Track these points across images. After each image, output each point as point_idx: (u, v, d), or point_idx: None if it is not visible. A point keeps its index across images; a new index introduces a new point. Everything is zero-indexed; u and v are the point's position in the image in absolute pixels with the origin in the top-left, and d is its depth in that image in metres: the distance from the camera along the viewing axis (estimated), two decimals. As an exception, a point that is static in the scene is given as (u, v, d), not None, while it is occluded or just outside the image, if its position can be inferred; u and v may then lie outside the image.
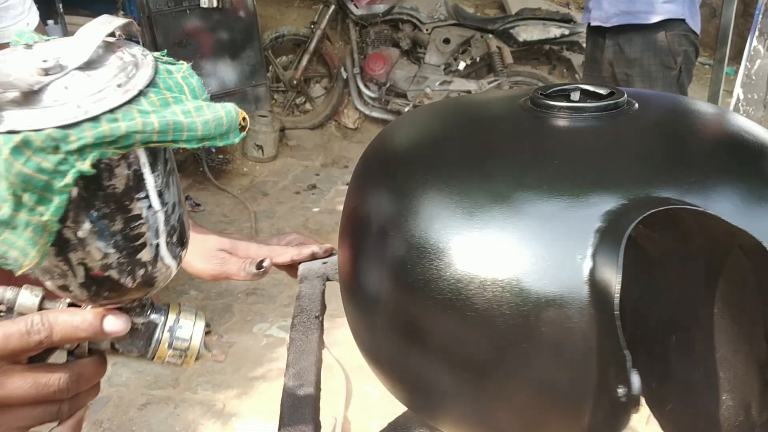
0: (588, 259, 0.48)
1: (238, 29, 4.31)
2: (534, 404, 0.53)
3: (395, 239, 0.57)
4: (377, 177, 0.67)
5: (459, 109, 0.78)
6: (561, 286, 0.49)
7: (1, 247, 0.37)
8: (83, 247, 0.40)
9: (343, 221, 0.71)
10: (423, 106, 0.89)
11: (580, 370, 0.49)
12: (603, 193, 0.53)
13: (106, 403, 2.36)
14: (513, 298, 0.50)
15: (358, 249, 0.65)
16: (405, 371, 0.63)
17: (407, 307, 0.57)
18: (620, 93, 0.65)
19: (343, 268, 0.70)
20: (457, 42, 4.80)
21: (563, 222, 0.51)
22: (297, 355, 0.75)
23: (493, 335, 0.51)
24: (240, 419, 2.30)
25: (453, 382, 0.57)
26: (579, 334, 0.48)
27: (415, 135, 0.73)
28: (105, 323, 0.46)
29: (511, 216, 0.53)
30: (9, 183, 0.34)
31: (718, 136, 0.65)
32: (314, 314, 0.82)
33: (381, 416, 2.28)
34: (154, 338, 0.50)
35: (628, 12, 2.61)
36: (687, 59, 2.64)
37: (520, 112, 0.67)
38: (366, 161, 0.72)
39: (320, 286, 0.88)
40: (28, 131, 0.34)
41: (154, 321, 0.50)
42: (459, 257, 0.53)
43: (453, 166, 0.60)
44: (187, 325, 0.51)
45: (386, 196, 0.63)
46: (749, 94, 1.86)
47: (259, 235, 3.60)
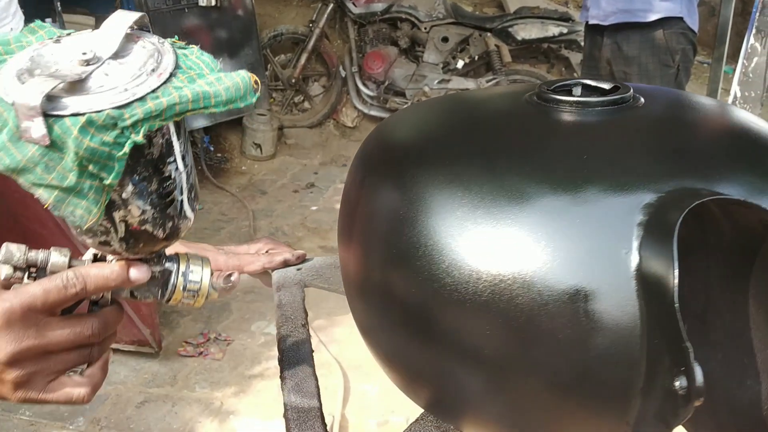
0: (634, 252, 0.48)
1: (237, 28, 4.31)
2: (569, 402, 0.52)
3: (408, 236, 0.56)
4: (382, 173, 0.66)
5: (462, 104, 0.77)
6: (599, 280, 0.48)
7: (68, 208, 0.44)
8: (125, 206, 0.47)
9: (345, 219, 0.70)
10: (423, 101, 0.88)
11: (620, 364, 0.49)
12: (635, 187, 0.52)
13: (104, 401, 2.36)
14: (543, 294, 0.49)
15: (366, 247, 0.64)
16: (426, 372, 0.61)
17: (430, 305, 0.56)
18: (626, 88, 0.65)
19: (349, 268, 0.68)
20: (456, 40, 4.79)
21: (596, 217, 0.51)
22: (292, 367, 0.73)
23: (522, 331, 0.51)
24: (238, 417, 2.30)
25: (481, 382, 0.56)
26: (619, 328, 0.48)
27: (419, 130, 0.72)
28: (131, 273, 0.54)
29: (536, 211, 0.52)
30: (77, 156, 0.42)
31: (728, 129, 0.65)
32: (300, 323, 0.81)
33: (378, 414, 2.29)
34: (170, 283, 0.57)
35: (626, 10, 2.61)
36: (685, 57, 2.64)
37: (526, 107, 0.67)
38: (366, 157, 0.71)
39: (299, 293, 0.87)
40: (90, 113, 0.42)
41: (169, 268, 0.57)
42: (481, 253, 0.52)
43: (464, 161, 0.59)
44: (197, 270, 0.58)
45: (394, 193, 0.61)
46: (746, 92, 1.86)
47: (257, 235, 3.60)
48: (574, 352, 0.50)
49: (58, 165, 0.43)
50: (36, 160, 0.42)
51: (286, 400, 0.69)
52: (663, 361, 0.45)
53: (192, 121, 4.15)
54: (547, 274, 0.50)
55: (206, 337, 2.69)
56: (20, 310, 0.50)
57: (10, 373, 0.51)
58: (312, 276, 0.91)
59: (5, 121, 0.43)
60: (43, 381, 0.53)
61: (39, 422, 2.26)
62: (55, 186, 0.43)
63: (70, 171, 0.43)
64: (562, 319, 0.49)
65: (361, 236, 0.65)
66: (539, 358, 0.51)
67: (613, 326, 0.48)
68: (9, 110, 0.42)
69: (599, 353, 0.49)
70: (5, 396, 0.53)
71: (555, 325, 0.49)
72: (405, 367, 0.65)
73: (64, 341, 0.52)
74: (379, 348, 0.67)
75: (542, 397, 0.53)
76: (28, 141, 0.42)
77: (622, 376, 0.49)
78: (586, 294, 0.49)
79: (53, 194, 0.44)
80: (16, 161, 0.42)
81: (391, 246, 0.59)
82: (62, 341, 0.52)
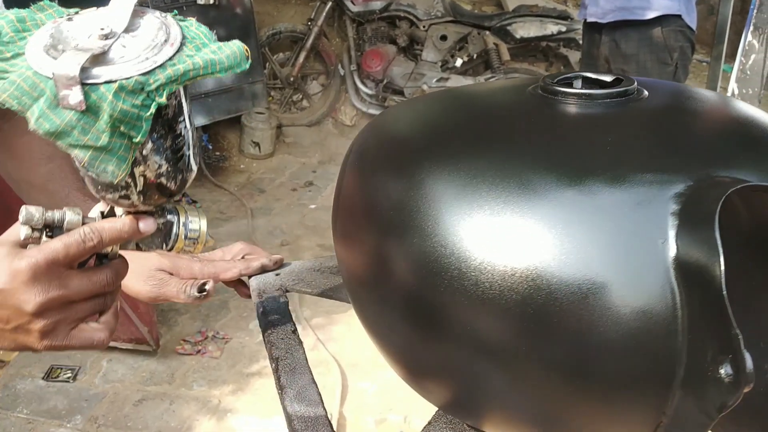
0: (671, 242, 0.48)
1: (235, 26, 4.30)
2: (598, 396, 0.52)
3: (417, 229, 0.56)
4: (386, 167, 0.65)
5: (464, 98, 0.77)
6: (634, 271, 0.48)
7: (101, 165, 0.50)
8: (145, 162, 0.53)
9: (343, 215, 0.68)
10: (423, 95, 0.88)
11: (657, 354, 0.48)
12: (661, 177, 0.52)
13: (101, 399, 2.36)
14: (574, 286, 0.49)
15: (373, 242, 0.63)
16: (444, 371, 0.60)
17: (447, 303, 0.54)
18: (629, 80, 0.65)
19: (352, 264, 0.67)
20: (454, 39, 4.79)
21: (626, 208, 0.50)
22: (289, 375, 0.72)
23: (548, 325, 0.50)
24: (235, 415, 2.30)
25: (505, 380, 0.55)
26: (656, 318, 0.47)
27: (423, 123, 0.71)
28: (140, 225, 0.59)
29: (560, 204, 0.52)
30: (111, 118, 0.48)
31: (735, 119, 0.66)
32: (289, 329, 0.79)
33: (376, 412, 2.29)
34: (172, 233, 0.63)
35: (623, 8, 2.61)
36: (683, 55, 2.64)
37: (531, 99, 0.66)
38: (366, 152, 0.70)
39: (283, 299, 0.85)
40: (120, 80, 0.48)
41: (170, 220, 0.63)
42: (497, 246, 0.52)
43: (472, 153, 0.59)
44: (195, 220, 0.64)
45: (400, 185, 0.60)
46: (744, 89, 1.86)
47: (256, 233, 3.60)
48: (606, 344, 0.49)
49: (92, 127, 0.49)
50: (73, 124, 0.48)
51: (290, 410, 0.67)
52: (706, 350, 0.45)
53: (190, 120, 4.15)
54: (579, 266, 0.49)
55: (204, 335, 2.69)
56: (45, 264, 0.55)
57: (38, 323, 0.56)
58: (293, 281, 0.89)
59: (42, 91, 0.48)
60: (66, 329, 0.58)
61: (36, 420, 2.26)
62: (89, 146, 0.49)
63: (103, 132, 0.49)
64: (594, 311, 0.48)
65: (367, 231, 0.64)
66: (567, 352, 0.51)
67: (649, 316, 0.48)
68: (46, 82, 0.48)
69: (634, 345, 0.48)
70: (32, 345, 0.58)
71: (586, 319, 0.49)
72: (417, 364, 0.63)
73: (85, 291, 0.58)
74: (389, 346, 0.66)
75: (570, 391, 0.52)
76: (65, 108, 0.48)
77: (658, 366, 0.48)
78: (620, 286, 0.48)
79: (88, 153, 0.50)
80: (56, 126, 0.48)
81: (399, 239, 0.58)
82: (83, 291, 0.58)
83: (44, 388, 2.40)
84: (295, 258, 3.32)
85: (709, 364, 0.44)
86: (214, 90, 4.24)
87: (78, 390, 2.40)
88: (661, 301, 0.47)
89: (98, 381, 2.45)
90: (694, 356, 0.47)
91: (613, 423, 0.54)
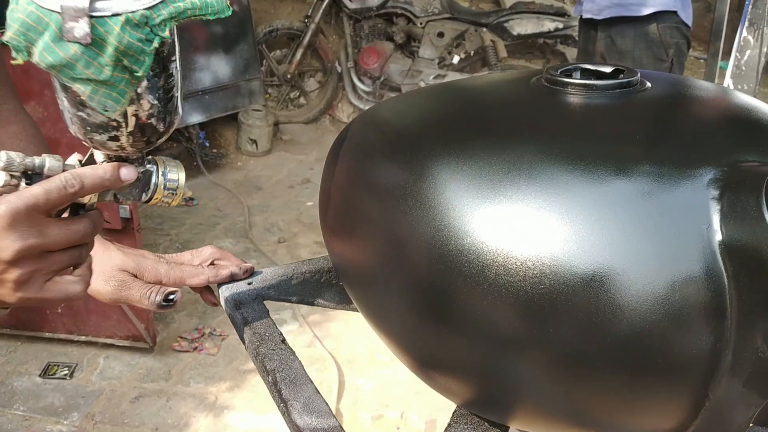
0: (715, 226, 0.48)
1: (232, 23, 4.30)
2: (638, 382, 0.51)
3: (427, 221, 0.54)
4: (389, 157, 0.63)
5: (466, 90, 0.75)
6: (681, 258, 0.48)
7: (101, 98, 0.51)
8: (139, 101, 0.54)
9: (337, 208, 0.67)
10: (423, 88, 0.86)
11: (700, 338, 0.48)
12: (691, 164, 0.52)
13: (98, 396, 2.36)
14: (603, 274, 0.48)
15: (378, 236, 0.61)
16: (465, 364, 0.57)
17: (468, 297, 0.53)
18: (631, 71, 0.65)
19: (355, 261, 0.65)
20: (451, 36, 4.79)
21: (664, 196, 0.50)
22: (290, 387, 0.67)
23: (590, 315, 0.49)
24: (232, 412, 2.30)
25: (530, 371, 0.53)
26: (703, 302, 0.47)
27: (424, 114, 0.69)
28: (121, 172, 0.58)
29: (602, 195, 0.51)
30: (116, 51, 0.49)
31: (740, 109, 0.66)
32: (278, 339, 0.75)
33: (373, 409, 2.29)
34: (151, 183, 0.63)
35: (619, 4, 2.61)
36: (679, 51, 2.64)
37: (535, 91, 0.66)
38: (363, 142, 0.68)
39: (263, 308, 0.80)
40: (126, 13, 0.49)
41: (149, 170, 0.63)
42: (511, 235, 0.51)
43: (479, 142, 0.58)
44: (174, 170, 0.64)
45: (404, 175, 0.59)
46: (739, 85, 1.86)
47: (253, 231, 3.60)
48: (642, 330, 0.48)
49: (96, 60, 0.50)
50: (77, 57, 0.49)
51: (300, 424, 0.63)
52: (757, 332, 0.45)
53: (187, 117, 4.15)
54: (614, 252, 0.49)
55: (201, 332, 2.69)
56: (25, 210, 0.53)
57: (13, 272, 0.54)
58: (268, 289, 0.84)
59: (47, 25, 0.48)
60: (41, 280, 0.56)
61: (33, 417, 2.26)
62: (92, 79, 0.50)
63: (106, 65, 0.50)
64: (626, 297, 0.48)
65: (370, 223, 0.62)
66: (598, 339, 0.50)
67: (695, 301, 0.47)
68: (50, 15, 0.48)
69: (676, 329, 0.48)
70: (5, 298, 0.56)
71: (615, 305, 0.48)
72: (433, 358, 0.61)
73: (62, 240, 0.56)
74: (400, 340, 0.63)
75: (602, 380, 0.51)
76: (70, 41, 0.48)
77: (703, 350, 0.48)
78: (659, 271, 0.48)
79: (89, 87, 0.51)
80: (59, 59, 0.49)
81: (410, 229, 0.56)
82: (60, 240, 0.56)
83: (41, 385, 2.40)
84: (293, 255, 3.32)
85: (760, 345, 0.44)
86: (212, 87, 4.24)
87: (75, 387, 2.40)
88: (708, 285, 0.47)
89: (95, 378, 2.45)
90: (743, 339, 0.46)
91: (649, 409, 0.53)
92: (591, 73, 0.67)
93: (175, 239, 3.49)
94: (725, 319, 0.47)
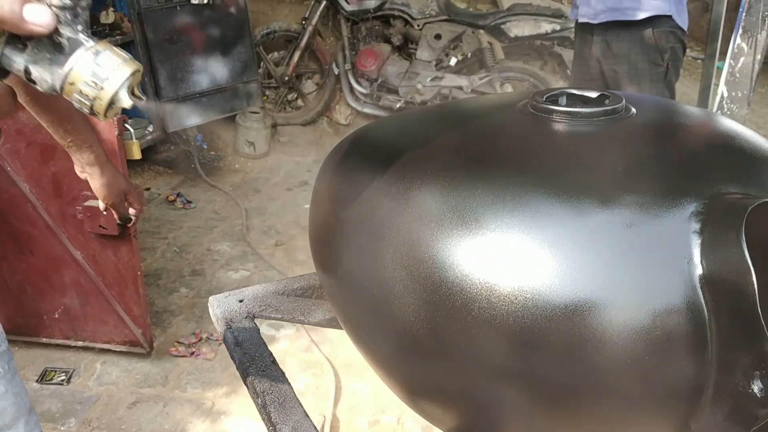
0: (696, 260, 0.48)
1: (229, 25, 4.30)
2: (623, 412, 0.51)
3: (409, 251, 0.54)
4: (369, 185, 0.63)
5: (453, 115, 0.75)
6: (662, 292, 0.48)
7: None
8: None
9: (324, 234, 0.67)
10: (410, 110, 0.86)
11: (681, 370, 0.48)
12: (673, 196, 0.52)
13: (95, 402, 2.36)
14: (577, 306, 0.48)
15: (362, 266, 0.61)
16: (448, 393, 0.58)
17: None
18: (617, 98, 0.65)
19: (343, 293, 0.65)
20: (449, 38, 4.79)
21: (646, 228, 0.50)
22: (280, 410, 0.67)
23: (549, 348, 0.49)
24: (229, 417, 2.30)
25: (514, 401, 0.54)
26: (685, 334, 0.47)
27: (410, 140, 0.69)
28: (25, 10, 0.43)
29: (581, 228, 0.51)
30: None
31: (721, 137, 0.66)
32: (268, 360, 0.75)
33: (370, 414, 2.29)
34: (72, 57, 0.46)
35: (615, 8, 2.61)
36: (674, 56, 2.64)
37: (520, 117, 0.66)
38: (349, 169, 0.68)
39: (254, 326, 0.80)
40: None
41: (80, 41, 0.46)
42: (494, 266, 0.51)
43: (461, 171, 0.58)
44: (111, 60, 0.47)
45: (389, 204, 0.59)
46: (733, 92, 1.86)
47: (250, 233, 3.60)
48: (631, 363, 0.49)
49: None
50: None
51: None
52: (737, 365, 0.45)
53: (184, 119, 4.15)
54: (589, 286, 0.49)
55: (198, 337, 2.69)
56: None
57: None
58: (259, 306, 0.85)
59: None
60: None
61: (30, 423, 2.26)
62: None
63: None
64: (621, 331, 0.48)
65: (355, 252, 0.62)
66: (576, 372, 0.50)
67: (674, 334, 0.48)
68: None
69: (656, 361, 0.48)
70: None
71: (613, 338, 0.48)
72: (419, 387, 0.61)
73: None
74: (387, 368, 0.64)
75: (582, 411, 0.51)
76: None
77: (684, 381, 0.48)
78: (637, 304, 0.48)
79: None
80: None
81: (394, 258, 0.56)
82: None
83: (38, 390, 2.40)
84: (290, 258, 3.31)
85: (740, 380, 0.44)
86: (209, 90, 4.24)
87: (72, 393, 2.40)
88: (689, 318, 0.47)
89: (92, 384, 2.45)
90: (723, 372, 0.47)
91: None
92: (577, 98, 0.68)
93: (172, 242, 3.49)
94: (706, 352, 0.47)
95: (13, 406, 0.98)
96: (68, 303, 2.49)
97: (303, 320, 0.85)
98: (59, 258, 2.41)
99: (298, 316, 0.84)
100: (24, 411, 1.02)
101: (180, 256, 3.36)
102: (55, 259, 2.42)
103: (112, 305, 2.44)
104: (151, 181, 4.27)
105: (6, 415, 0.97)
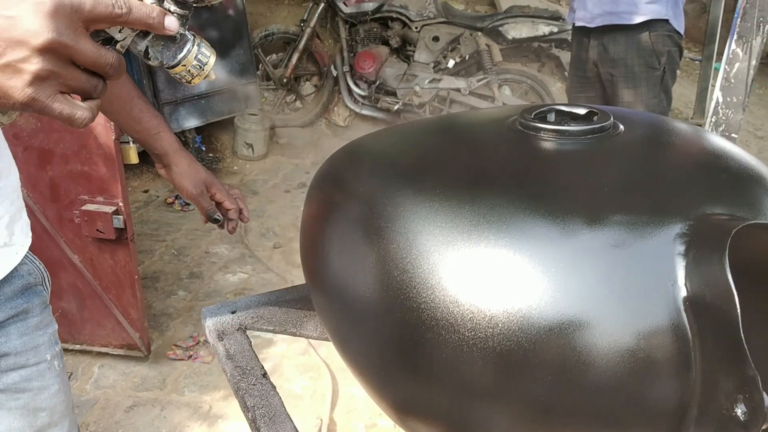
0: (680, 283, 0.48)
1: (228, 27, 4.30)
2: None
3: (397, 269, 0.54)
4: (358, 203, 0.64)
5: (443, 132, 0.76)
6: (646, 313, 0.48)
7: None
8: None
9: (313, 248, 0.67)
10: (400, 125, 0.86)
11: (665, 393, 0.48)
12: (659, 216, 0.52)
13: (92, 405, 2.36)
14: (562, 327, 0.48)
15: (348, 284, 0.61)
16: (432, 412, 0.58)
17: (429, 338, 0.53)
18: (605, 115, 0.65)
19: (331, 309, 0.65)
20: (447, 40, 4.80)
21: (632, 250, 0.50)
22: (270, 426, 0.68)
23: (535, 368, 0.49)
24: (226, 421, 2.30)
25: (496, 422, 0.54)
26: (669, 357, 0.47)
27: (400, 156, 0.70)
28: (166, 20, 0.58)
29: (570, 248, 0.51)
30: None
31: (709, 156, 0.66)
32: (259, 373, 0.74)
33: (366, 417, 2.30)
34: (185, 47, 0.63)
35: (611, 12, 2.62)
36: (671, 59, 2.65)
37: (508, 135, 0.66)
38: (340, 185, 0.68)
39: (245, 338, 0.80)
40: None
41: (187, 36, 0.63)
42: (479, 286, 0.51)
43: (448, 190, 0.58)
44: (208, 49, 0.65)
45: (372, 224, 0.59)
46: (728, 97, 1.87)
47: (248, 236, 3.61)
48: (616, 385, 0.49)
49: None
50: None
51: None
52: (720, 388, 0.45)
53: (183, 121, 4.15)
54: (597, 314, 0.49)
55: (196, 341, 2.69)
56: (69, 7, 0.52)
57: (36, 63, 0.52)
58: (251, 318, 0.85)
59: None
60: (55, 87, 0.54)
61: (28, 427, 2.27)
62: None
63: None
64: (606, 352, 0.48)
65: (343, 269, 0.63)
66: (560, 392, 0.50)
67: (659, 356, 0.48)
68: None
69: (641, 384, 0.48)
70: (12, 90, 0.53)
71: (598, 360, 0.48)
72: (404, 405, 0.61)
73: (91, 56, 0.55)
74: (374, 384, 0.64)
75: (580, 431, 0.52)
76: None
77: (669, 404, 0.48)
78: (621, 327, 0.48)
79: None
80: None
81: (380, 277, 0.57)
82: (89, 55, 0.55)
83: (36, 394, 2.41)
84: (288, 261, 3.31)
85: (724, 403, 0.44)
86: (207, 92, 4.24)
87: (69, 396, 2.41)
88: (673, 340, 0.47)
89: (89, 387, 2.46)
90: (707, 395, 0.47)
91: None
92: (566, 115, 0.68)
93: (170, 245, 3.50)
94: (690, 375, 0.47)
95: (62, 404, 1.01)
96: (66, 306, 2.49)
97: (295, 332, 0.85)
98: (57, 262, 2.41)
99: (290, 328, 0.84)
100: (70, 410, 1.05)
101: (178, 259, 3.36)
102: (52, 263, 2.42)
103: (109, 309, 2.44)
104: (149, 183, 4.28)
105: (56, 413, 1.00)
